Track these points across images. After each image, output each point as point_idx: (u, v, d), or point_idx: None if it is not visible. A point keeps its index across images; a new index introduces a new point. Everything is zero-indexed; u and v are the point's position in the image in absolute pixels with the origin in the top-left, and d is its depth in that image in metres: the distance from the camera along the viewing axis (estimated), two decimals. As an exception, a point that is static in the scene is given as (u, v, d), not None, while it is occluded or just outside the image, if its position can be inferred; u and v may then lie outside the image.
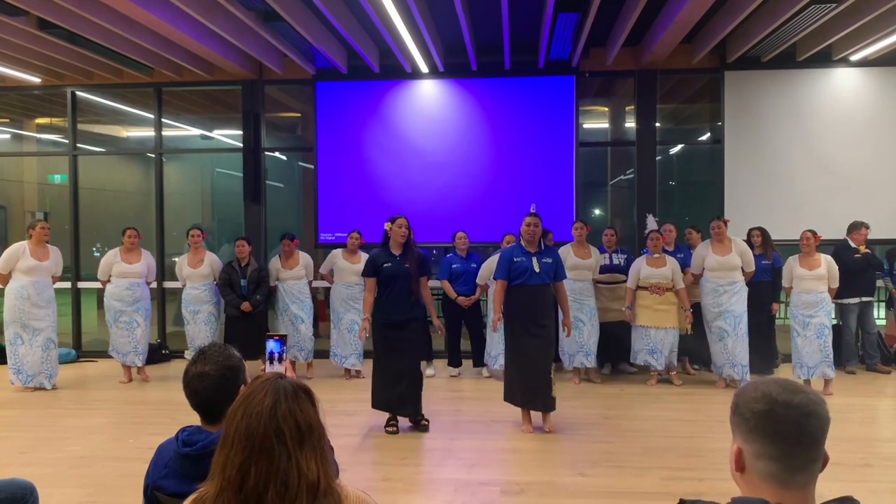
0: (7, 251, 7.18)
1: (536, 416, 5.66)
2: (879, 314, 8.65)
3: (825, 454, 1.41)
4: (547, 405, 5.54)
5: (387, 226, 5.66)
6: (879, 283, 8.05)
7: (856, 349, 7.90)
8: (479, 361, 7.85)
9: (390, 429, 5.59)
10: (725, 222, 7.19)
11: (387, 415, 5.66)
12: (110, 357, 7.77)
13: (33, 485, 2.97)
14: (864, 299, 7.69)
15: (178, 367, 7.97)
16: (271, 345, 7.03)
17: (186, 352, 8.50)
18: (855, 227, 7.67)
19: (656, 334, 7.15)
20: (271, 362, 6.95)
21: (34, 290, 7.07)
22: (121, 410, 6.50)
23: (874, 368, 7.81)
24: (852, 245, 7.62)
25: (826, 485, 1.41)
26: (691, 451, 5.05)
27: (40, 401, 6.80)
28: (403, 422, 5.68)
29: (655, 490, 4.31)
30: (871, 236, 7.74)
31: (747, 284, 7.11)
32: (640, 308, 7.22)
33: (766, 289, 7.47)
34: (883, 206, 8.16)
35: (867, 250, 7.59)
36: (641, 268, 7.21)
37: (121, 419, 6.17)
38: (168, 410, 6.25)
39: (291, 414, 1.49)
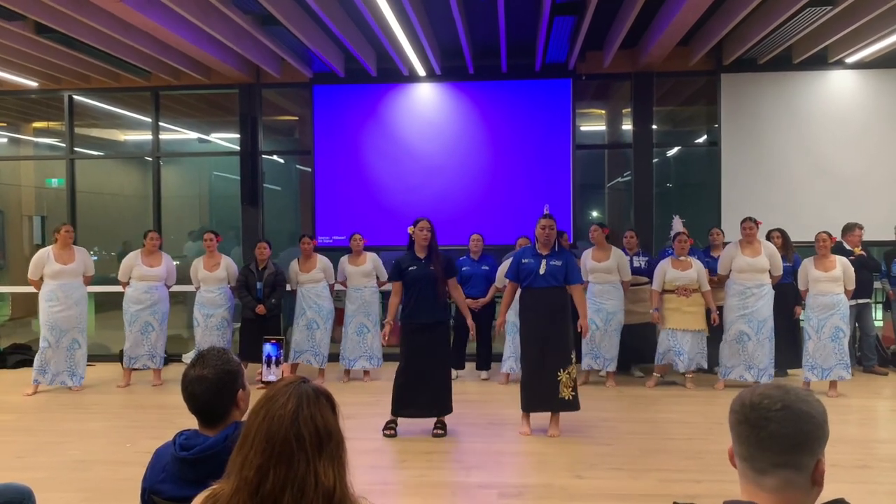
0: (34, 258, 7.29)
1: (537, 420, 5.65)
2: (877, 316, 8.66)
3: (815, 467, 1.39)
4: (554, 405, 5.52)
5: (410, 229, 5.68)
6: (877, 284, 8.06)
7: (853, 351, 7.90)
8: (482, 365, 7.84)
9: (388, 431, 5.59)
10: (757, 223, 7.08)
11: (386, 417, 5.65)
12: (109, 360, 7.74)
13: (30, 489, 2.96)
14: (860, 301, 7.70)
15: (176, 371, 7.98)
16: (268, 348, 7.04)
17: (185, 355, 8.50)
18: (849, 229, 7.68)
19: (683, 336, 7.10)
20: (268, 365, 6.97)
21: (62, 294, 7.13)
22: (119, 414, 6.50)
23: (871, 370, 7.82)
24: (847, 247, 7.62)
25: (823, 486, 1.42)
26: (689, 453, 5.06)
27: (38, 405, 6.79)
28: (402, 425, 5.67)
29: (653, 492, 4.32)
30: (867, 238, 7.75)
31: (773, 288, 7.03)
32: (668, 311, 7.17)
33: (788, 291, 7.38)
34: (879, 207, 8.17)
35: (862, 252, 7.59)
36: (667, 270, 7.16)
37: (119, 423, 6.16)
38: (166, 414, 6.24)
39: (312, 419, 1.49)
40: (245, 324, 7.65)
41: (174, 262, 7.94)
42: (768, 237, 7.59)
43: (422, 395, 5.54)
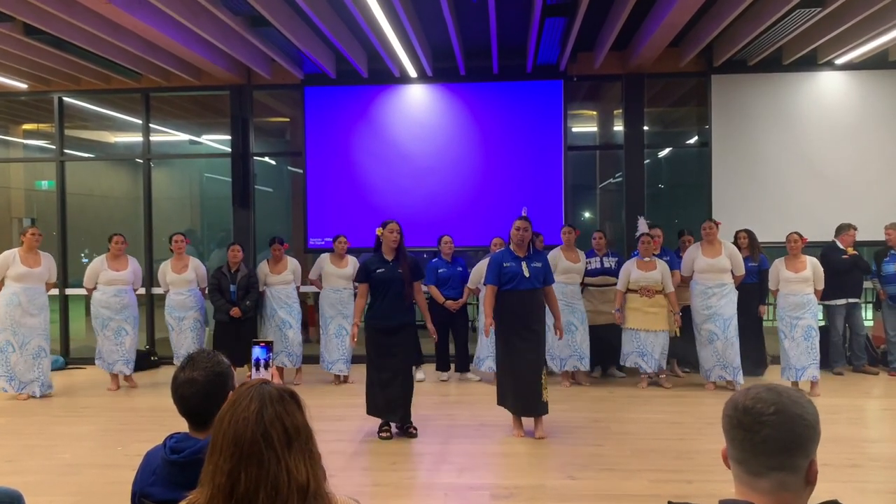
0: None
1: (528, 420, 5.65)
2: (867, 315, 8.70)
3: (808, 467, 1.40)
4: (538, 409, 5.53)
5: (378, 231, 5.62)
6: (867, 284, 8.11)
7: (843, 350, 7.94)
8: (462, 367, 7.87)
9: (384, 434, 5.57)
10: (717, 224, 7.21)
11: (379, 420, 5.64)
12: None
13: (20, 493, 2.94)
14: (851, 300, 7.75)
15: (166, 374, 7.95)
16: (257, 351, 7.01)
17: (175, 358, 8.46)
18: (843, 229, 7.74)
19: (646, 337, 7.17)
20: (257, 369, 6.94)
21: (25, 298, 7.02)
22: (109, 417, 6.47)
23: (861, 370, 7.86)
24: (840, 246, 7.68)
25: (813, 485, 1.43)
26: (680, 454, 5.07)
27: (28, 409, 6.75)
28: (394, 426, 5.66)
29: (645, 493, 4.32)
30: (858, 238, 7.80)
31: (736, 287, 7.14)
32: (629, 311, 7.25)
33: (752, 291, 7.50)
34: (869, 207, 8.22)
35: (854, 252, 7.65)
36: (631, 271, 7.23)
37: (109, 426, 6.13)
38: (157, 417, 6.21)
39: (278, 417, 1.49)
40: (219, 327, 7.60)
41: (141, 266, 7.90)
42: (735, 238, 7.66)
43: (393, 396, 5.54)
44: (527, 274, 5.51)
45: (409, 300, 5.62)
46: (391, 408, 5.57)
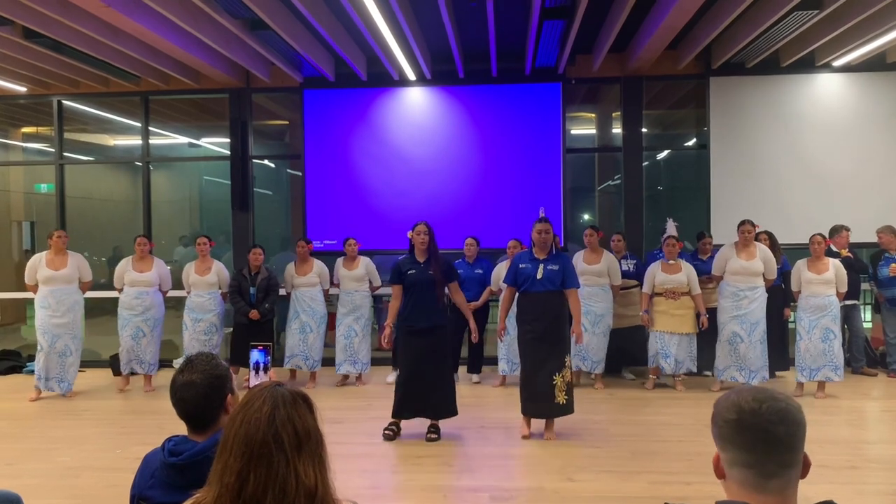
0: (28, 263, 7.29)
1: (538, 422, 5.66)
2: (866, 317, 8.71)
3: (805, 459, 1.43)
4: (549, 412, 5.53)
5: (409, 234, 5.68)
6: (866, 286, 8.11)
7: (842, 352, 7.92)
8: (474, 368, 7.85)
9: (388, 432, 5.58)
10: (756, 226, 7.10)
11: (378, 421, 5.63)
12: (99, 366, 7.70)
13: (20, 497, 2.94)
14: (848, 302, 7.74)
15: (165, 377, 7.95)
16: (255, 355, 7.00)
17: (175, 360, 8.46)
18: (836, 231, 7.75)
19: (671, 339, 7.13)
20: (256, 372, 6.94)
21: (53, 300, 7.13)
22: (109, 420, 6.47)
23: (860, 371, 7.86)
24: (834, 249, 7.67)
25: (812, 487, 1.44)
26: (680, 455, 5.07)
27: (28, 412, 6.75)
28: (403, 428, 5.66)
29: (643, 494, 4.33)
30: (856, 240, 7.81)
31: (766, 291, 7.04)
32: (656, 313, 7.20)
33: (776, 293, 7.43)
34: (867, 209, 8.23)
35: (849, 253, 7.64)
36: (657, 273, 7.20)
37: (109, 429, 6.13)
38: (156, 420, 6.22)
39: (290, 420, 1.50)
40: (237, 329, 7.62)
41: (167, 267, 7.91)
42: (756, 239, 7.61)
43: (424, 399, 5.52)
44: (539, 276, 5.51)
45: (441, 302, 5.61)
46: (417, 406, 5.54)
